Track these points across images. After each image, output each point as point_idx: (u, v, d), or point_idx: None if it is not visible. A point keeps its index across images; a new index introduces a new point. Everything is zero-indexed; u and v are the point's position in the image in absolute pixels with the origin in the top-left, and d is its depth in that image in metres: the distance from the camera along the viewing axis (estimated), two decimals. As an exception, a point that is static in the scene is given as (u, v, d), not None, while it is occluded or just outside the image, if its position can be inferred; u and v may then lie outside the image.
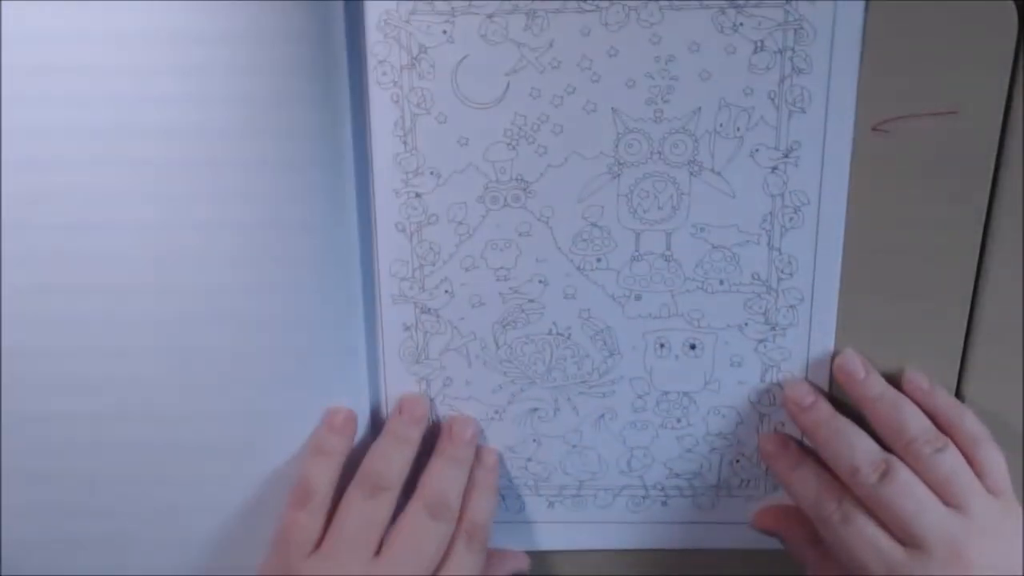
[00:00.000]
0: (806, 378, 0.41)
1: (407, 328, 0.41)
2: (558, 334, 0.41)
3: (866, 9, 0.36)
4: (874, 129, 0.37)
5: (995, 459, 0.38)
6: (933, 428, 0.38)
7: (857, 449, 0.38)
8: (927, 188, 0.38)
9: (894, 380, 0.39)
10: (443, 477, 0.40)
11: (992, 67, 0.36)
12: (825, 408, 0.40)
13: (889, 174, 0.38)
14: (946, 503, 0.36)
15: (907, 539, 0.36)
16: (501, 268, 0.40)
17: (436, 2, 0.37)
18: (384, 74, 0.38)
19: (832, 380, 0.40)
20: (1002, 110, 0.36)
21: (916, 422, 0.38)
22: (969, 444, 0.38)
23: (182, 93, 0.35)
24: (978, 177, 0.37)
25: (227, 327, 0.38)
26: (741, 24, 0.36)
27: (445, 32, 0.37)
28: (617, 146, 0.38)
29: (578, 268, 0.40)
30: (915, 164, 0.37)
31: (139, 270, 0.37)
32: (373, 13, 0.37)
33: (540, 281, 0.40)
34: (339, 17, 0.36)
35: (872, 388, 0.39)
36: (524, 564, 0.44)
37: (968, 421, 0.38)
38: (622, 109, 0.38)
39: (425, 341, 0.41)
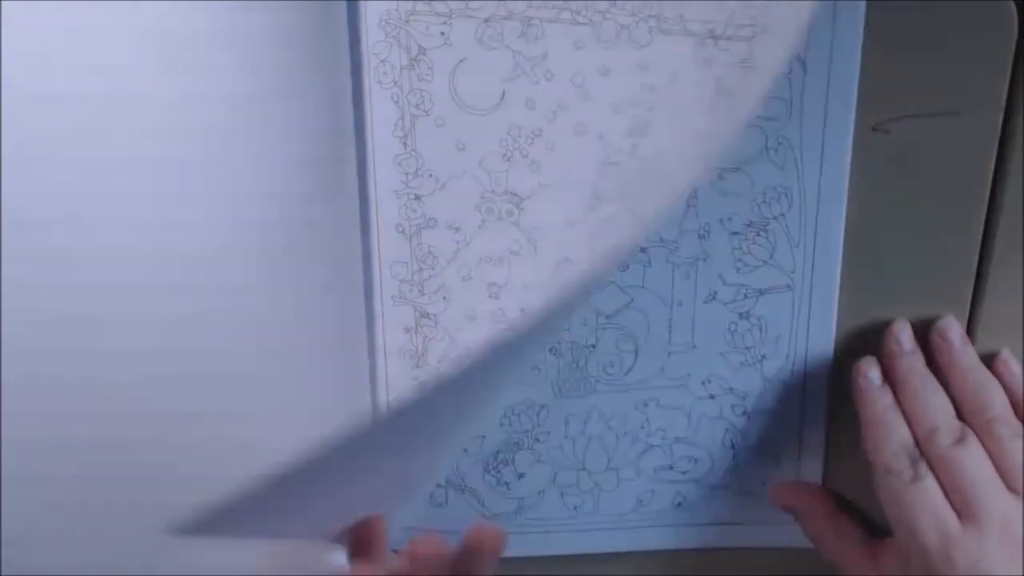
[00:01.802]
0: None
1: (407, 331, 0.41)
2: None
3: (866, 9, 0.35)
4: (874, 129, 0.37)
5: None
6: (1013, 413, 0.38)
7: (941, 409, 0.38)
8: (927, 188, 0.38)
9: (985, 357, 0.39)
10: None
11: (992, 67, 0.36)
12: (921, 360, 0.39)
13: (889, 174, 0.37)
14: (1008, 487, 0.36)
15: (964, 511, 0.36)
16: (493, 284, 0.40)
17: (434, 2, 0.37)
18: (385, 74, 0.38)
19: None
20: (1002, 110, 0.36)
21: (1001, 402, 0.37)
22: None
23: (181, 92, 0.35)
24: (978, 177, 0.37)
25: (226, 327, 0.38)
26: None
27: (443, 34, 0.37)
28: (600, 174, 0.38)
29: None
30: (915, 164, 0.37)
31: (137, 270, 0.37)
32: (374, 12, 0.37)
33: (521, 310, 0.40)
34: (341, 16, 0.36)
35: (966, 359, 0.39)
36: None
37: None
38: (607, 135, 0.37)
39: (424, 346, 0.41)
